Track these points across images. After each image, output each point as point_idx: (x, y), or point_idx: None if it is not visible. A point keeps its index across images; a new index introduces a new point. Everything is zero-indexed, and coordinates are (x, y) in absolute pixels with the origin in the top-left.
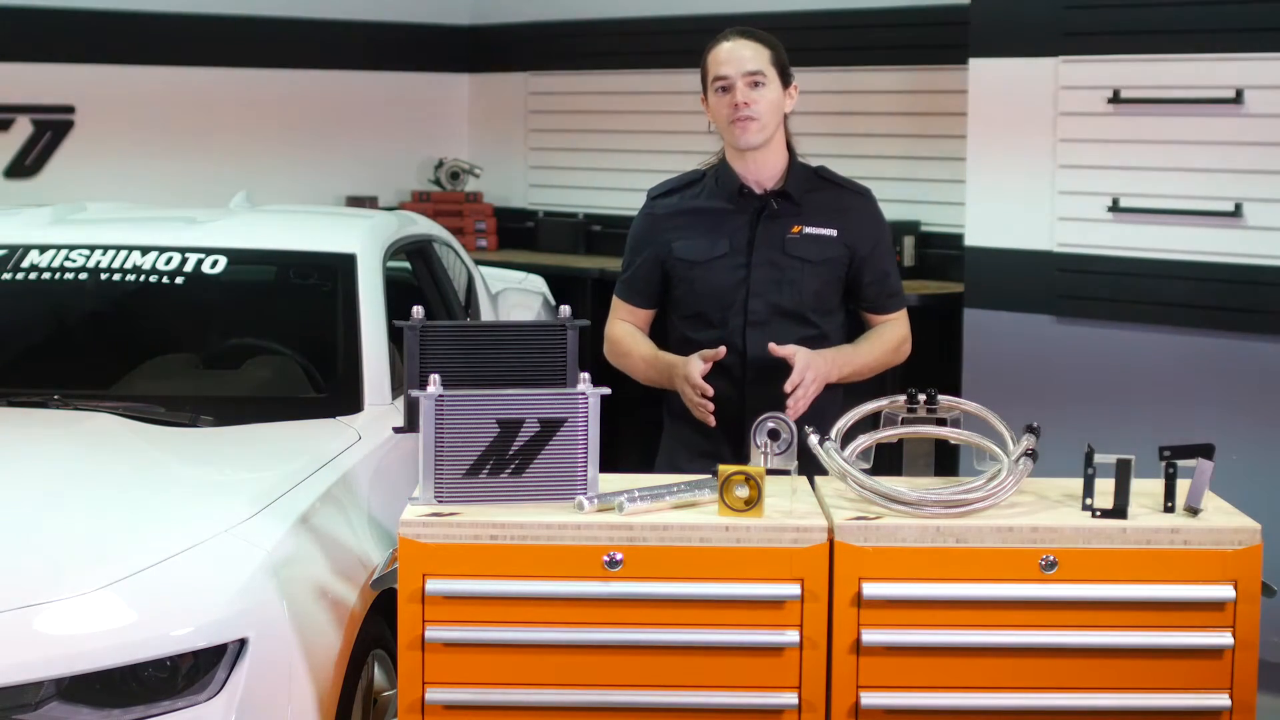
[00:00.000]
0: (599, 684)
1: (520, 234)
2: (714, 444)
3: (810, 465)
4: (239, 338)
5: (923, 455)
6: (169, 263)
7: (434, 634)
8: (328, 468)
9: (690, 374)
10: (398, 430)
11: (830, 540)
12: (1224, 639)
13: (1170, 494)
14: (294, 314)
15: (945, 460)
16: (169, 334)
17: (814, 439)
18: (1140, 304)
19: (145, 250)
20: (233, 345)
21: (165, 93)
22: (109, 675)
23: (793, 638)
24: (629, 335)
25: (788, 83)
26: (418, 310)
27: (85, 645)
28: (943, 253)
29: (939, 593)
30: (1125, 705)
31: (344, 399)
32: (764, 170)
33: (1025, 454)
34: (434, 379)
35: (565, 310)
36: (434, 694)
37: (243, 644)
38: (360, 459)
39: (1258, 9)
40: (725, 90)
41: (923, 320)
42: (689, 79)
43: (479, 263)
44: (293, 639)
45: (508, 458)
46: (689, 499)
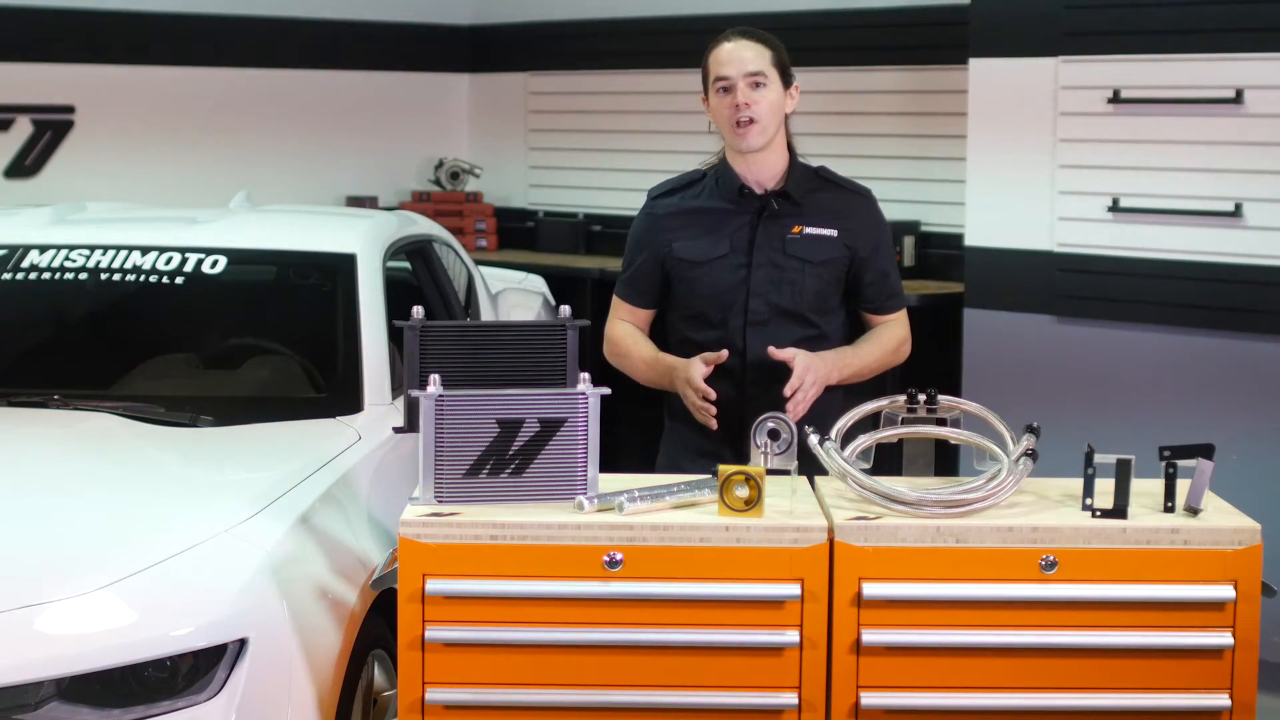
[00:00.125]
0: (599, 684)
1: (520, 234)
2: (714, 444)
3: (810, 465)
4: (239, 338)
5: (923, 455)
6: (169, 263)
7: (434, 634)
8: (328, 468)
9: (692, 377)
10: (398, 430)
11: (830, 540)
12: (1224, 639)
13: (1170, 494)
14: (294, 314)
15: (945, 460)
16: (169, 334)
17: (814, 439)
18: (1140, 304)
19: (145, 250)
20: (233, 345)
21: (165, 93)
22: (109, 675)
23: (793, 638)
24: (629, 336)
25: (789, 83)
26: (418, 310)
27: (85, 645)
28: (943, 253)
29: (939, 593)
30: (1125, 705)
31: (344, 399)
32: (764, 170)
33: (1025, 454)
34: (434, 379)
35: (565, 310)
36: (434, 694)
37: (243, 644)
38: (360, 459)
39: (1258, 9)
40: (726, 91)
41: (923, 320)
42: (689, 79)
43: (479, 263)
44: (293, 639)
45: (508, 458)
46: (689, 499)
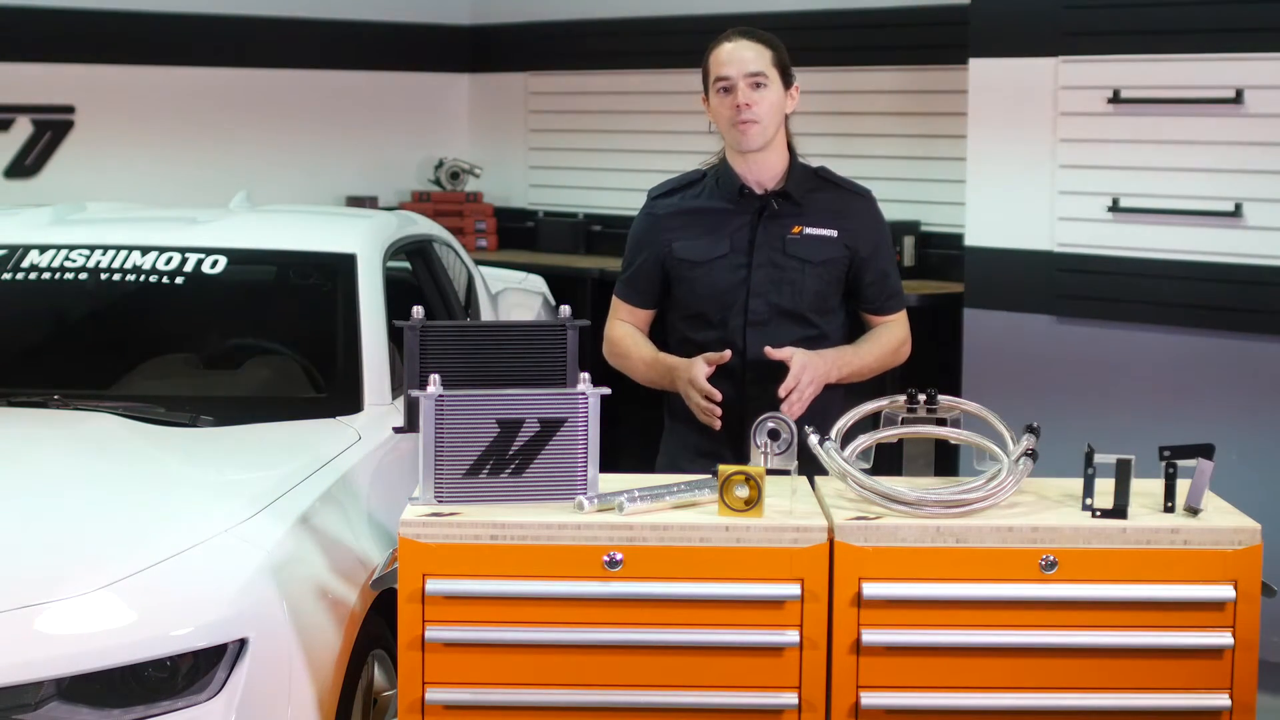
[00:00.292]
0: (599, 684)
1: (520, 234)
2: (714, 444)
3: (810, 465)
4: (239, 338)
5: (923, 455)
6: (169, 263)
7: (434, 634)
8: (328, 468)
9: (695, 377)
10: (398, 430)
11: (830, 540)
12: (1224, 639)
13: (1170, 494)
14: (294, 314)
15: (945, 460)
16: (169, 334)
17: (814, 439)
18: (1140, 304)
19: (145, 250)
20: (233, 345)
21: (165, 93)
22: (109, 675)
23: (793, 638)
24: (629, 336)
25: (789, 84)
26: (418, 310)
27: (85, 645)
28: (943, 253)
29: (939, 593)
30: (1125, 705)
31: (344, 399)
32: (765, 170)
33: (1025, 454)
34: (434, 379)
35: (565, 310)
36: (434, 694)
37: (243, 644)
38: (360, 459)
39: (1258, 9)
40: (727, 91)
41: (923, 320)
42: (689, 79)
43: (479, 263)
44: (293, 639)
45: (508, 458)
46: (689, 499)
